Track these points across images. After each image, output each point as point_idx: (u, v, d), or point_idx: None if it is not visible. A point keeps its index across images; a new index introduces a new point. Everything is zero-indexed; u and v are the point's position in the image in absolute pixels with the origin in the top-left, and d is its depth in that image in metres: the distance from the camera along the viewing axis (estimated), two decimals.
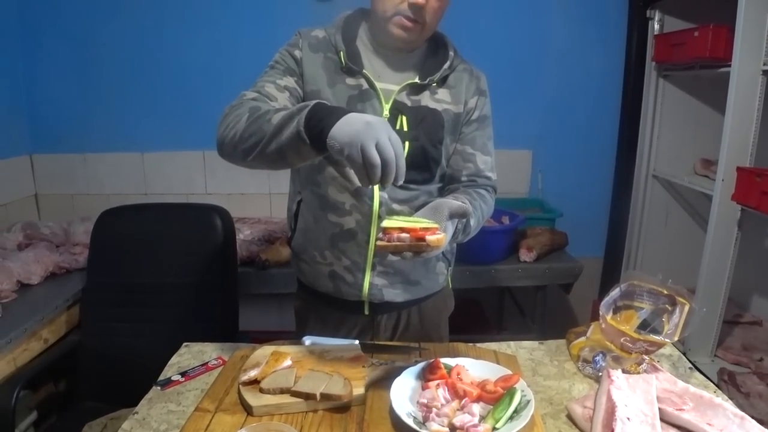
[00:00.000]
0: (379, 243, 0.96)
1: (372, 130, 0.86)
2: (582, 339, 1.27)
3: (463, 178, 1.28)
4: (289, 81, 1.19)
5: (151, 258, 1.87)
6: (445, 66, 1.23)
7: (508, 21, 2.55)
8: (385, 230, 0.96)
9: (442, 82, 1.25)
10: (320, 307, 1.38)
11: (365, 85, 1.20)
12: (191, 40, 2.54)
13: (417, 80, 1.21)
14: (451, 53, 1.25)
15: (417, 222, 0.97)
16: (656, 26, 2.38)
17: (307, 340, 1.21)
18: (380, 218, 1.23)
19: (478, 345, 1.28)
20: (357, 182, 0.93)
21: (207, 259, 1.83)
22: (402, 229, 0.95)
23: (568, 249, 2.41)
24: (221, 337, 1.85)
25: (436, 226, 0.96)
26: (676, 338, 1.11)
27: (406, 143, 1.18)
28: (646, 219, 2.62)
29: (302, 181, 1.32)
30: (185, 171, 2.69)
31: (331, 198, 1.26)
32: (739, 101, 1.83)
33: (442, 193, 1.30)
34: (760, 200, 1.71)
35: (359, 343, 1.20)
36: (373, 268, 1.28)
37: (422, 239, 0.94)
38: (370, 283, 1.29)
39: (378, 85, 1.21)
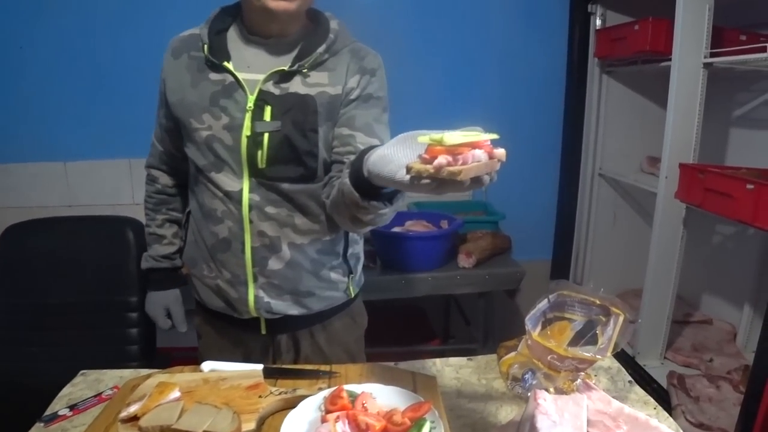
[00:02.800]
0: (450, 168, 0.69)
1: (150, 309, 1.39)
2: (512, 354, 1.17)
3: (346, 161, 1.09)
4: (163, 119, 1.24)
5: (60, 276, 1.71)
6: (320, 50, 1.11)
7: (446, 19, 2.46)
8: (432, 149, 0.71)
9: (319, 65, 1.13)
10: (217, 326, 1.28)
11: (229, 79, 1.11)
12: (115, 42, 2.38)
13: (285, 67, 1.10)
14: (332, 36, 1.13)
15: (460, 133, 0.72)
16: (598, 21, 2.33)
17: (206, 366, 1.08)
18: (252, 223, 1.13)
19: (400, 364, 1.17)
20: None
21: (121, 275, 1.67)
22: (451, 151, 0.69)
23: (514, 252, 2.32)
24: (140, 358, 1.74)
25: (478, 133, 0.74)
26: (608, 353, 1.01)
27: (265, 135, 1.09)
28: (593, 219, 2.57)
29: (190, 189, 1.23)
30: (111, 181, 2.52)
31: (206, 206, 1.17)
32: (681, 96, 1.78)
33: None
34: (703, 198, 1.64)
35: (264, 367, 1.07)
36: (255, 280, 1.17)
37: (491, 155, 0.74)
38: (255, 297, 1.18)
39: (243, 76, 1.10)
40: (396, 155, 0.79)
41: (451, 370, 1.19)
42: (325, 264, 1.22)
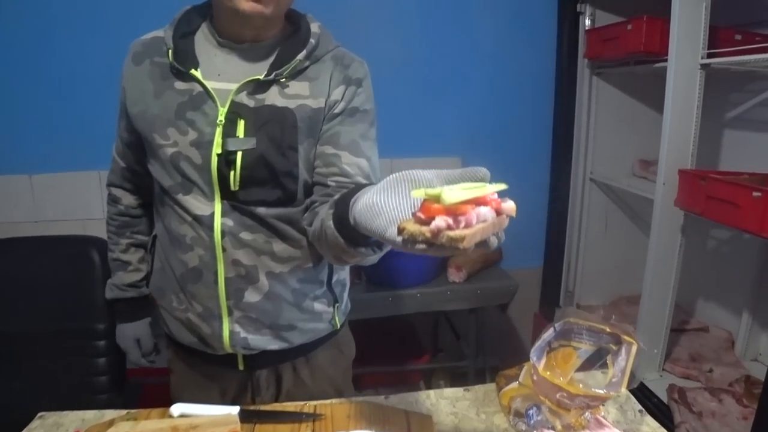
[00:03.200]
0: (451, 234, 0.58)
1: (121, 342, 1.29)
2: (513, 385, 1.08)
3: (331, 183, 1.00)
4: (124, 132, 1.13)
5: (18, 301, 1.56)
6: (300, 56, 1.00)
7: (432, 21, 2.36)
8: (428, 208, 0.60)
9: (298, 74, 1.01)
10: (190, 361, 1.16)
11: (197, 88, 0.98)
12: (82, 44, 2.23)
13: (260, 76, 0.98)
14: (313, 41, 1.02)
15: (461, 186, 0.63)
16: (587, 21, 2.25)
17: (176, 410, 0.97)
18: (225, 250, 1.01)
19: (391, 398, 1.07)
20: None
21: (85, 299, 1.54)
22: (451, 210, 0.59)
23: (504, 261, 2.23)
24: (109, 389, 1.61)
25: (483, 185, 0.64)
26: (623, 388, 0.92)
27: (239, 154, 0.97)
28: (585, 225, 2.48)
29: (156, 211, 1.11)
30: (81, 194, 2.37)
31: (174, 231, 1.05)
32: (678, 98, 1.70)
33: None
34: (705, 206, 1.56)
35: (240, 409, 0.96)
36: (230, 314, 1.06)
37: (498, 211, 0.64)
38: (231, 332, 1.06)
39: (213, 85, 0.98)
40: (386, 206, 0.67)
41: (446, 403, 1.09)
42: (307, 294, 1.11)
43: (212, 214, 1.01)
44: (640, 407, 1.11)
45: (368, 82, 1.08)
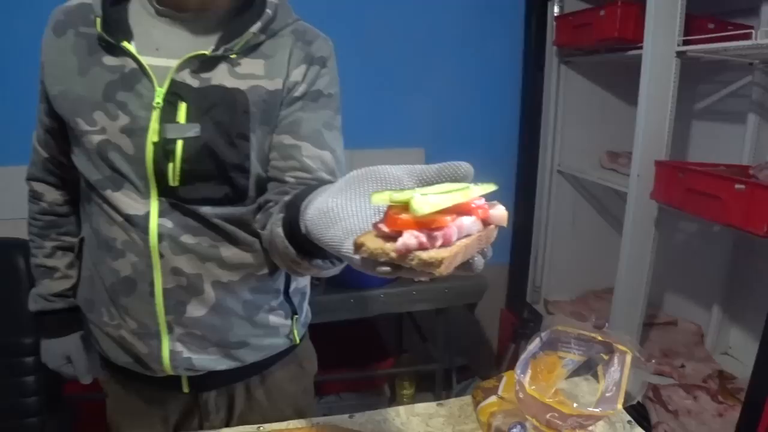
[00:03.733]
0: (424, 256, 0.45)
1: (48, 360, 1.10)
2: (492, 399, 0.97)
3: (289, 179, 0.87)
4: (45, 117, 0.95)
5: None
6: (253, 29, 0.85)
7: (394, 5, 2.23)
8: (393, 219, 0.46)
9: (252, 50, 0.87)
10: (127, 384, 1.01)
11: (131, 65, 0.83)
12: (6, 32, 2.01)
13: (206, 51, 0.83)
14: (270, 12, 0.87)
15: (437, 189, 0.49)
16: (556, 8, 2.17)
17: None
18: (162, 257, 0.87)
19: (356, 417, 0.96)
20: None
21: (9, 311, 1.36)
22: (425, 223, 0.45)
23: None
24: (41, 411, 1.43)
25: (466, 186, 0.50)
26: (618, 405, 0.83)
27: (179, 143, 0.82)
28: (552, 218, 2.42)
29: (82, 211, 0.95)
30: (10, 191, 2.15)
31: (102, 233, 0.89)
32: (653, 86, 1.63)
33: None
34: (683, 199, 1.50)
35: None
36: (170, 331, 0.91)
37: (486, 221, 0.50)
38: (171, 352, 0.91)
39: (150, 61, 0.83)
40: (344, 212, 0.56)
41: (419, 421, 0.99)
42: (261, 306, 0.96)
43: (147, 214, 0.86)
44: (629, 418, 1.03)
45: (333, 62, 0.94)
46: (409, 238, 0.44)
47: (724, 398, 1.69)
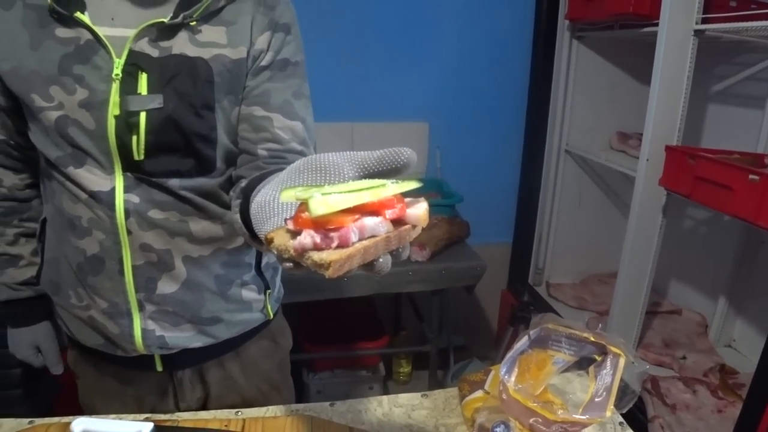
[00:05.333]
0: (315, 257, 0.44)
1: (16, 350, 1.05)
2: (478, 393, 0.93)
3: (262, 152, 0.85)
4: None
5: None
6: None
7: None
8: (297, 217, 0.47)
9: (213, 17, 0.82)
10: (98, 365, 0.99)
11: (86, 36, 0.78)
12: None
13: (164, 19, 0.79)
14: None
15: (347, 187, 0.47)
16: None
17: (77, 426, 0.80)
18: (130, 233, 0.84)
19: (337, 405, 0.93)
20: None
21: None
22: (323, 223, 0.45)
23: (471, 238, 2.08)
24: (23, 382, 1.42)
25: (383, 183, 0.48)
26: (608, 412, 0.78)
27: (142, 115, 0.79)
28: (558, 199, 2.35)
29: (43, 190, 0.92)
30: None
31: (66, 212, 0.86)
32: (668, 66, 1.54)
33: (231, 186, 0.89)
34: (693, 187, 1.43)
35: (154, 426, 0.79)
36: (141, 309, 0.89)
37: (401, 221, 0.49)
38: (143, 330, 0.90)
39: (105, 32, 0.78)
40: (278, 207, 0.55)
41: (401, 412, 0.95)
42: (233, 280, 0.95)
43: (112, 190, 0.83)
44: (620, 419, 0.98)
45: (297, 28, 0.90)
46: (305, 237, 0.45)
47: (725, 394, 1.65)
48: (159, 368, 0.97)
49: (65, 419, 0.83)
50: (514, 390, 0.81)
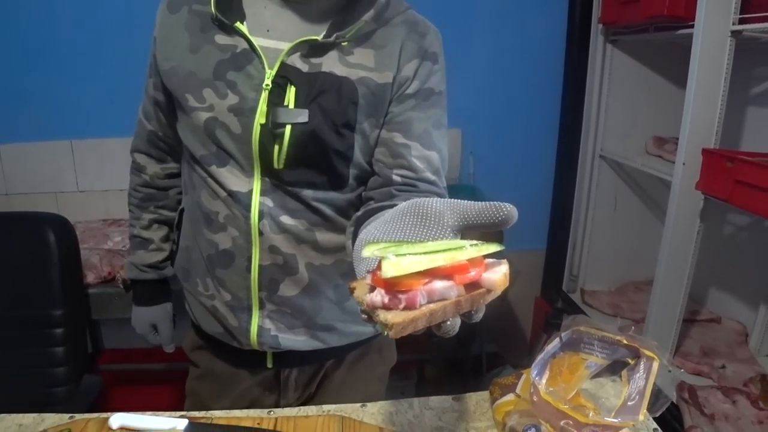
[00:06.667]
0: (380, 316, 0.46)
1: (137, 325, 1.16)
2: (509, 397, 0.93)
3: (396, 178, 0.87)
4: (153, 90, 0.98)
5: None
6: (366, 17, 0.83)
7: None
8: (374, 273, 0.48)
9: (364, 39, 0.86)
10: (215, 353, 1.06)
11: (242, 45, 0.83)
12: (52, 10, 2.04)
13: (318, 37, 0.83)
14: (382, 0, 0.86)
15: (424, 248, 0.48)
16: None
17: (115, 422, 0.84)
18: (262, 234, 0.88)
19: (368, 407, 0.93)
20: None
21: (40, 284, 1.40)
22: (393, 284, 0.46)
23: (504, 244, 2.07)
24: (67, 381, 1.47)
25: (462, 245, 0.49)
26: (641, 415, 0.77)
27: (288, 128, 0.82)
28: (592, 205, 2.31)
29: (184, 183, 0.98)
30: (52, 165, 2.21)
31: (204, 207, 0.92)
32: (704, 68, 1.52)
33: (361, 203, 0.93)
34: (732, 191, 1.40)
35: (189, 422, 0.82)
36: (261, 306, 0.93)
37: (477, 284, 0.49)
38: (259, 328, 0.94)
39: (261, 42, 0.83)
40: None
41: (432, 414, 0.96)
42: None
43: (250, 192, 0.88)
44: (655, 425, 0.97)
45: (443, 57, 0.93)
46: (376, 295, 0.46)
47: (766, 405, 1.60)
48: (269, 365, 1.01)
49: (104, 415, 0.87)
50: (545, 392, 0.81)
